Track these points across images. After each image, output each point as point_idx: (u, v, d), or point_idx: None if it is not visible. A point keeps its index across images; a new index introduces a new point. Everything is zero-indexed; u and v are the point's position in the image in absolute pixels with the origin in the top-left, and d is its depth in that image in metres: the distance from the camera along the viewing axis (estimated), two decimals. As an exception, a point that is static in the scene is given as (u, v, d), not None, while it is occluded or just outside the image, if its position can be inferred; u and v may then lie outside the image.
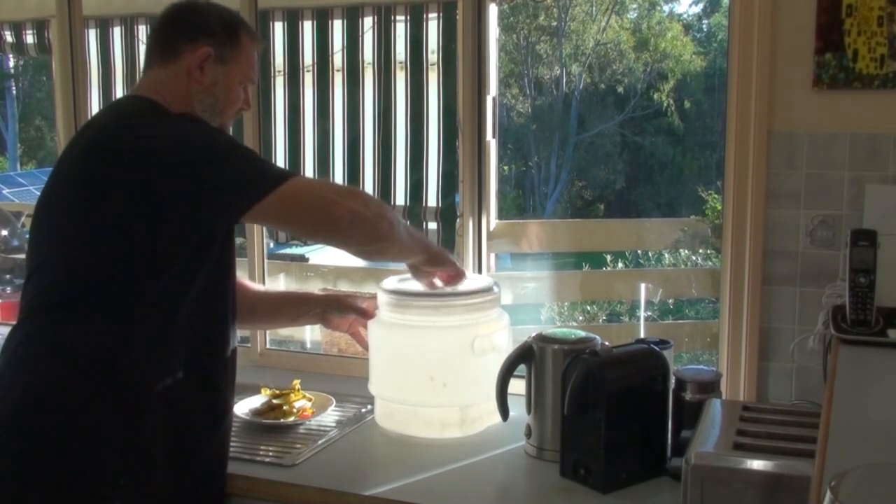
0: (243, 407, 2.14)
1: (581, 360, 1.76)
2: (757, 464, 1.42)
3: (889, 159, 1.92)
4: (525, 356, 1.92)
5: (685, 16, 15.01)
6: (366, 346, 2.11)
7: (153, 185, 1.57)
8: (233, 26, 1.79)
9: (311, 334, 3.90)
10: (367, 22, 2.64)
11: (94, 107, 3.06)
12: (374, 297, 2.12)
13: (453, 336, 1.99)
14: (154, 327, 1.63)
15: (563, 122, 14.25)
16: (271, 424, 2.09)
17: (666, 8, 14.84)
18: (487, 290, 2.04)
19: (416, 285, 2.04)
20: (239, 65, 1.79)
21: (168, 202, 1.58)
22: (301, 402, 2.16)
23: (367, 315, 2.08)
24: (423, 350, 2.01)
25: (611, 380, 1.73)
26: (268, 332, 2.65)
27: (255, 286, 2.23)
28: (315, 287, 4.06)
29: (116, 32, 3.01)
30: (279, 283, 4.48)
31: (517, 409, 1.97)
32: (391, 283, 2.08)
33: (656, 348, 1.86)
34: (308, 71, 2.74)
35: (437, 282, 2.00)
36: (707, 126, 13.45)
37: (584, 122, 14.21)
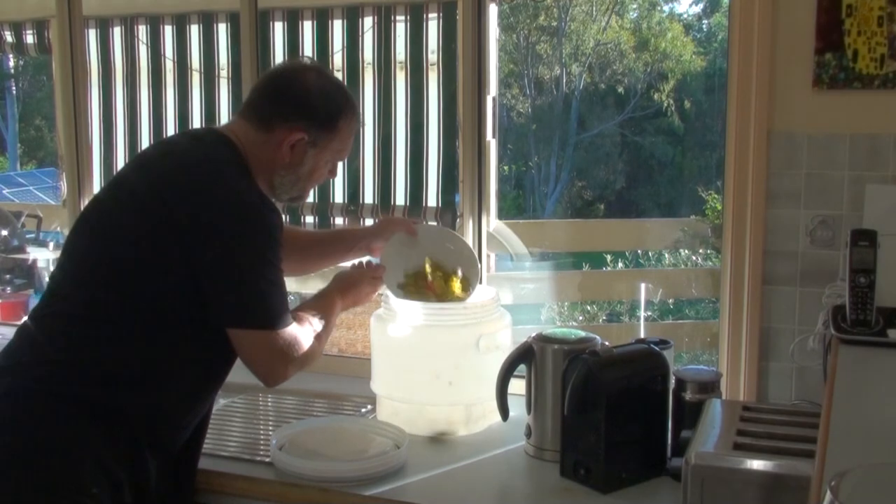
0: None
1: (581, 360, 1.76)
2: (757, 464, 1.42)
3: (889, 159, 1.92)
4: (525, 356, 1.92)
5: (685, 16, 15.00)
6: None
7: (185, 245, 1.63)
8: (334, 115, 1.77)
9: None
10: (367, 22, 2.64)
11: (95, 107, 3.06)
12: (412, 220, 2.24)
13: (459, 334, 1.99)
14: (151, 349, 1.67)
15: (563, 122, 14.24)
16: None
17: (666, 8, 14.84)
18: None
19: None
20: (331, 148, 1.80)
21: (183, 266, 1.63)
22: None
23: (411, 231, 2.10)
24: (429, 348, 2.01)
25: (611, 380, 1.73)
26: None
27: (303, 230, 2.31)
28: (314, 287, 4.05)
29: (116, 32, 3.00)
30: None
31: (517, 409, 1.97)
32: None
33: (656, 348, 1.86)
34: (308, 71, 2.73)
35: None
36: (707, 126, 13.43)
37: (584, 122, 14.20)
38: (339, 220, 2.80)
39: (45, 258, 4.29)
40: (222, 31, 2.93)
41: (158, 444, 1.70)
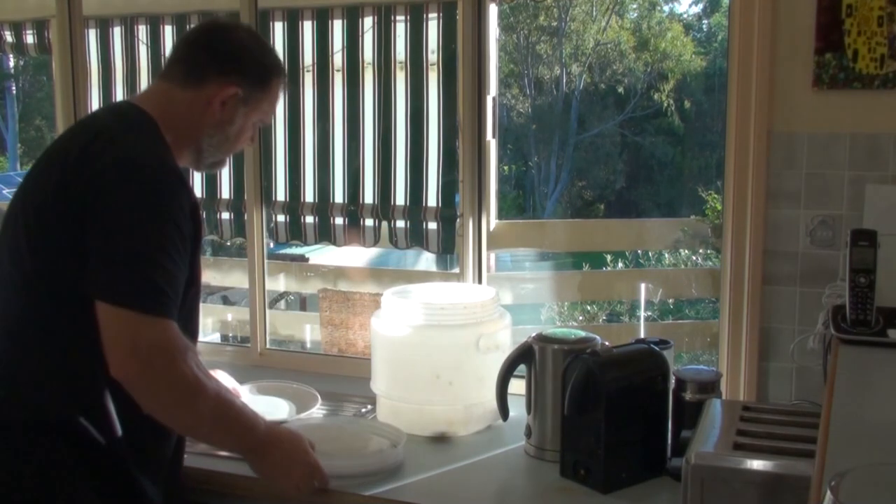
0: None
1: (581, 360, 1.76)
2: (757, 464, 1.42)
3: (889, 159, 1.92)
4: (525, 356, 1.92)
5: (685, 16, 15.01)
6: None
7: (86, 211, 1.51)
8: (268, 70, 1.72)
9: (311, 334, 3.91)
10: (367, 22, 2.64)
11: (94, 107, 3.06)
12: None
13: (459, 335, 2.00)
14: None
15: (563, 122, 14.24)
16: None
17: (666, 8, 14.85)
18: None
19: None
20: (261, 107, 1.73)
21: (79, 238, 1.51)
22: None
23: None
24: (429, 349, 2.01)
25: (611, 380, 1.73)
26: (268, 334, 2.65)
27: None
28: (314, 287, 4.05)
29: (116, 32, 3.00)
30: (279, 283, 4.48)
31: (517, 409, 1.97)
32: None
33: (656, 348, 1.86)
34: (308, 71, 2.73)
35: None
36: (707, 126, 13.44)
37: (584, 122, 14.20)
38: (339, 220, 2.80)
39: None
40: (222, 31, 2.92)
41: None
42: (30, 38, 3.36)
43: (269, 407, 2.15)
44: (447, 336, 2.01)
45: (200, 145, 1.71)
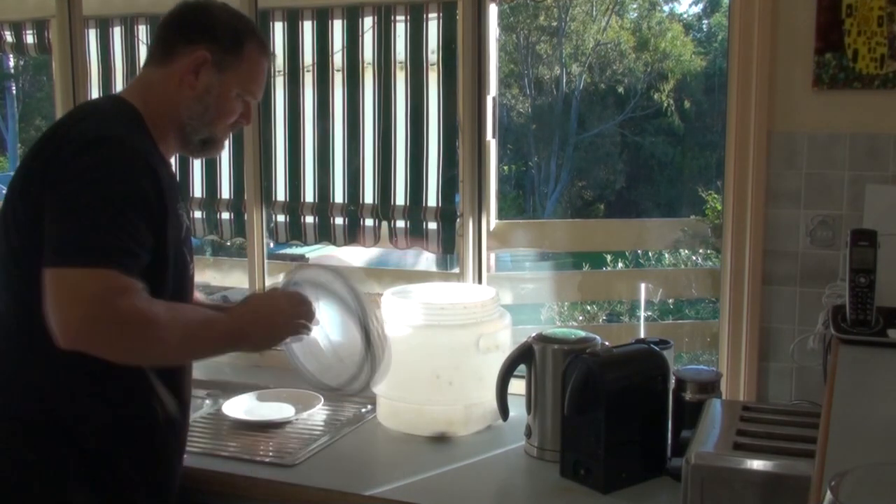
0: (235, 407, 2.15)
1: (581, 360, 1.76)
2: (757, 464, 1.42)
3: (889, 159, 1.92)
4: (525, 356, 1.92)
5: (685, 16, 15.01)
6: None
7: (42, 194, 1.50)
8: (239, 34, 1.68)
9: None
10: (367, 22, 2.64)
11: (94, 107, 3.06)
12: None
13: (458, 334, 2.00)
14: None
15: (563, 122, 14.25)
16: (267, 423, 2.09)
17: (666, 8, 14.85)
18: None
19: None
20: (238, 75, 1.68)
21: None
22: None
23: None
24: (429, 349, 2.01)
25: (611, 380, 1.73)
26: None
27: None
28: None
29: (116, 32, 3.00)
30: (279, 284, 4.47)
31: (517, 409, 1.97)
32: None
33: (656, 348, 1.86)
34: (308, 71, 2.73)
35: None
36: (707, 126, 13.45)
37: (584, 122, 14.21)
38: (339, 221, 2.80)
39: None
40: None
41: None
42: (30, 38, 3.36)
43: (273, 409, 2.16)
44: (447, 336, 2.01)
45: (182, 121, 1.67)
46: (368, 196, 2.72)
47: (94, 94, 2.99)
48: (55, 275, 1.42)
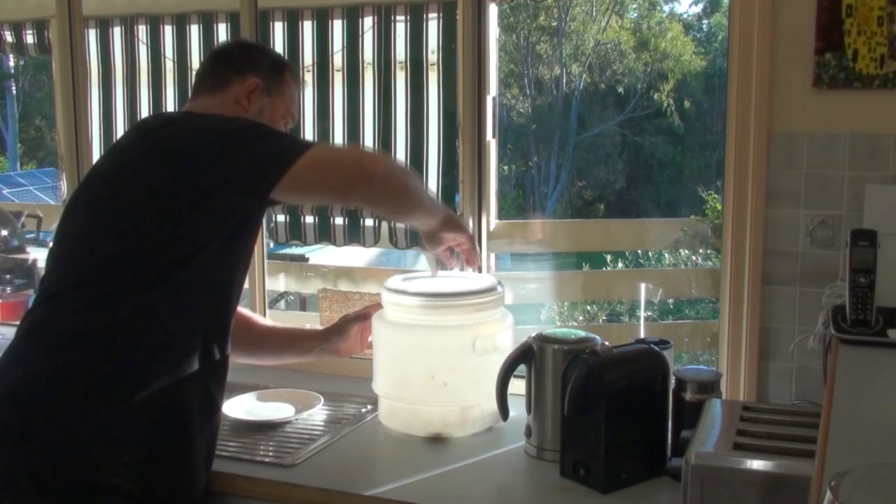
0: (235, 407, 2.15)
1: (581, 360, 1.76)
2: (757, 464, 1.42)
3: (889, 159, 1.92)
4: (525, 356, 1.92)
5: (685, 16, 15.02)
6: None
7: (188, 175, 1.61)
8: (278, 64, 1.90)
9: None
10: (367, 22, 2.64)
11: (95, 107, 3.06)
12: (369, 304, 2.15)
13: (454, 335, 1.99)
14: (170, 319, 1.65)
15: (563, 122, 14.26)
16: (267, 423, 2.09)
17: (666, 8, 14.86)
18: (490, 290, 2.04)
19: (420, 285, 2.05)
20: (283, 99, 1.88)
21: (203, 188, 1.61)
22: None
23: (367, 317, 2.09)
24: (425, 349, 2.01)
25: (611, 380, 1.73)
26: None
27: (262, 320, 2.19)
28: (314, 287, 4.06)
29: (116, 32, 3.01)
30: (279, 283, 4.48)
31: (517, 409, 1.97)
32: (395, 282, 2.09)
33: (656, 348, 1.86)
34: (308, 71, 2.74)
35: (453, 262, 2.05)
36: (707, 126, 13.45)
37: (584, 122, 14.22)
38: (339, 221, 2.80)
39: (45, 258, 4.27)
40: (222, 31, 2.93)
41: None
42: (30, 38, 3.37)
43: (273, 409, 2.16)
44: (442, 336, 1.99)
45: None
46: (368, 196, 2.71)
47: (94, 94, 3.00)
48: (316, 156, 1.63)
